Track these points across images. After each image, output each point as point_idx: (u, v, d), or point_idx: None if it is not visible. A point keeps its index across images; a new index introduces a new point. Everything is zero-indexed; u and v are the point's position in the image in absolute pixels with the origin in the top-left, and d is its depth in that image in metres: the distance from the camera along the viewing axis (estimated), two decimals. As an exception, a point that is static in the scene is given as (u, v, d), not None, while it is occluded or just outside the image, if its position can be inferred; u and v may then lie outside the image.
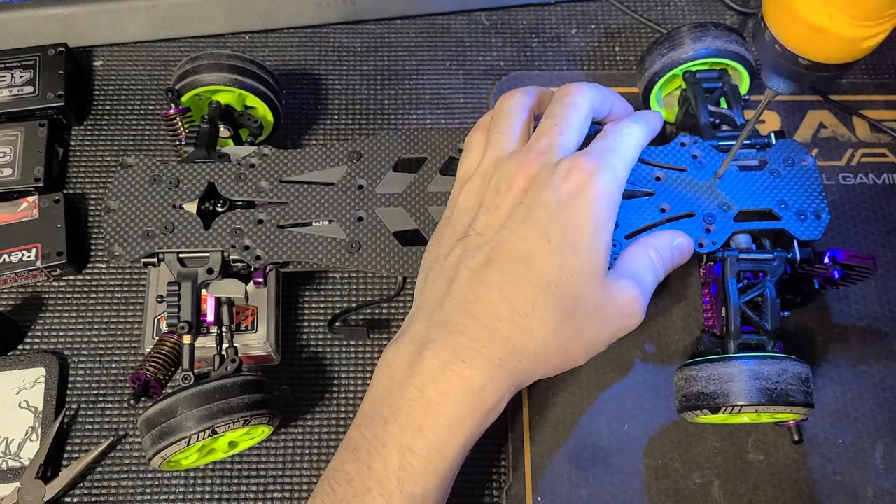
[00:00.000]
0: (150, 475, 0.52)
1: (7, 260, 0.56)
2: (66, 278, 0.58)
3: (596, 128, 0.48)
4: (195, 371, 0.47)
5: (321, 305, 0.57)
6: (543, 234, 0.41)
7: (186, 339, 0.48)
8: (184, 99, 0.55)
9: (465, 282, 0.42)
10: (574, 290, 0.41)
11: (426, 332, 0.41)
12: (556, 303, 0.40)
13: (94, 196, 0.61)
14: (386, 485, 0.39)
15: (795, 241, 0.48)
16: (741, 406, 0.45)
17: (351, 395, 0.54)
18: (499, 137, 0.46)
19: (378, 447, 0.40)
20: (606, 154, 0.44)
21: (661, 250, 0.46)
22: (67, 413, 0.54)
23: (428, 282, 0.44)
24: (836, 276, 0.47)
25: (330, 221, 0.50)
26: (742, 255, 0.48)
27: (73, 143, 0.63)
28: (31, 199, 0.58)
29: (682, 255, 0.47)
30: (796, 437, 0.50)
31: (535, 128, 0.46)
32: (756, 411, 0.45)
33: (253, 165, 0.51)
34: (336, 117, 0.64)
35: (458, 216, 0.45)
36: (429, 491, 0.40)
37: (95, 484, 0.52)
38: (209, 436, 0.45)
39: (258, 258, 0.49)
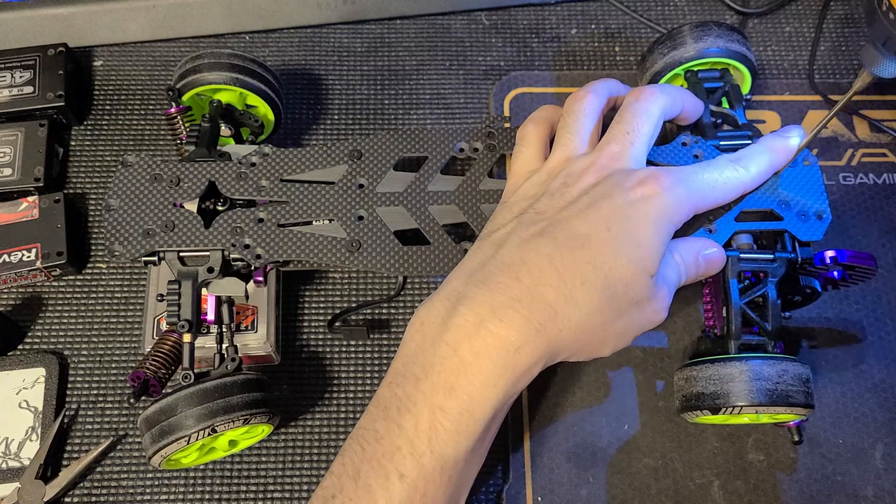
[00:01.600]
0: (150, 475, 0.52)
1: (7, 260, 0.56)
2: (66, 278, 0.58)
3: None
4: (195, 370, 0.47)
5: (321, 305, 0.57)
6: (604, 222, 0.41)
7: (186, 337, 0.48)
8: (185, 98, 0.55)
9: (512, 247, 0.41)
10: (626, 277, 0.41)
11: (463, 290, 0.41)
12: (606, 283, 0.40)
13: (94, 196, 0.61)
14: (416, 444, 0.39)
15: (797, 242, 0.48)
16: (741, 407, 0.45)
17: (351, 395, 0.54)
18: (569, 138, 0.46)
19: (409, 405, 0.39)
20: (683, 184, 0.44)
21: (686, 256, 0.46)
22: (67, 413, 0.54)
23: (473, 250, 0.44)
24: (837, 276, 0.47)
25: (330, 220, 0.50)
26: (743, 256, 0.48)
27: (73, 143, 0.63)
28: (31, 199, 0.58)
29: (710, 266, 0.47)
30: (796, 438, 0.50)
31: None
32: (756, 412, 0.45)
33: (253, 164, 0.51)
34: (336, 117, 0.64)
35: (517, 200, 0.45)
36: (460, 452, 0.39)
37: (95, 484, 0.52)
38: (209, 434, 0.44)
39: (258, 257, 0.49)
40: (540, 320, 0.39)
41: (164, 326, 0.51)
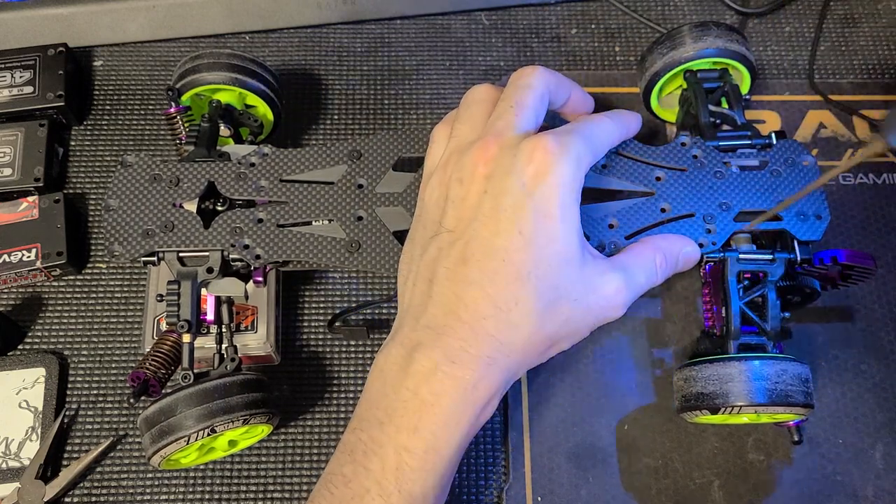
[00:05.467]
0: (150, 475, 0.52)
1: (7, 260, 0.56)
2: (66, 278, 0.58)
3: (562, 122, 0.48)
4: (195, 370, 0.47)
5: (321, 305, 0.57)
6: (514, 225, 0.41)
7: (186, 337, 0.48)
8: (184, 98, 0.55)
9: (444, 281, 0.42)
10: (553, 280, 0.41)
11: (415, 336, 0.41)
12: (537, 295, 0.41)
13: (94, 196, 0.61)
14: (384, 485, 0.39)
15: (796, 242, 0.48)
16: (740, 406, 0.45)
17: (351, 395, 0.54)
18: (460, 128, 0.46)
19: (375, 448, 0.40)
20: (571, 136, 0.43)
21: (668, 255, 0.46)
22: (67, 413, 0.54)
23: (408, 284, 0.44)
24: (836, 275, 0.47)
25: (330, 221, 0.50)
26: (742, 256, 0.48)
27: (73, 143, 0.63)
28: (31, 199, 0.58)
29: (687, 264, 0.47)
30: (796, 438, 0.50)
31: None
32: (755, 412, 0.45)
33: (253, 164, 0.51)
34: (336, 117, 0.64)
35: (427, 213, 0.45)
36: (427, 489, 0.40)
37: (95, 484, 0.52)
38: (208, 434, 0.45)
39: (258, 257, 0.49)
40: (489, 354, 0.40)
41: (163, 326, 0.51)
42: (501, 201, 0.41)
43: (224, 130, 0.55)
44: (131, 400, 0.54)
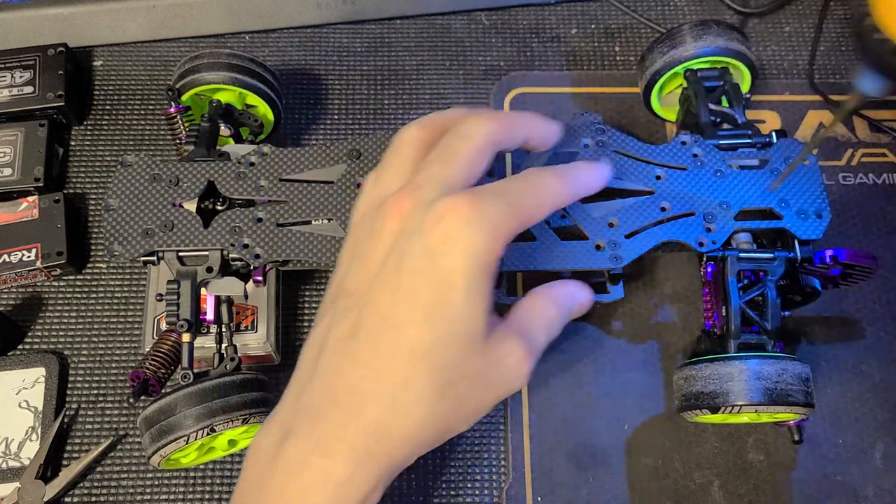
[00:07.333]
0: (150, 475, 0.52)
1: (7, 260, 0.56)
2: (66, 278, 0.58)
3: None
4: (195, 370, 0.47)
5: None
6: (413, 295, 0.36)
7: (186, 337, 0.48)
8: (184, 97, 0.55)
9: (330, 354, 0.37)
10: (450, 360, 0.36)
11: (291, 419, 0.37)
12: (431, 377, 0.35)
13: (94, 196, 0.61)
14: None
15: (796, 241, 0.48)
16: (741, 406, 0.45)
17: (351, 395, 0.54)
18: (384, 176, 0.41)
19: None
20: (492, 199, 0.37)
21: (562, 306, 0.41)
22: (67, 413, 0.54)
23: (303, 350, 0.40)
24: (837, 275, 0.47)
25: (329, 220, 0.50)
26: (742, 255, 0.48)
27: (73, 143, 0.63)
28: (31, 199, 0.58)
29: (581, 310, 0.43)
30: (796, 437, 0.50)
31: None
32: (756, 411, 0.45)
33: (253, 164, 0.51)
34: (336, 117, 0.64)
35: (336, 271, 0.41)
36: None
37: (95, 484, 0.52)
38: (208, 434, 0.45)
39: (257, 257, 0.49)
40: (366, 446, 0.35)
41: (163, 326, 0.51)
42: (404, 263, 0.36)
43: (224, 130, 0.55)
44: (131, 400, 0.54)
